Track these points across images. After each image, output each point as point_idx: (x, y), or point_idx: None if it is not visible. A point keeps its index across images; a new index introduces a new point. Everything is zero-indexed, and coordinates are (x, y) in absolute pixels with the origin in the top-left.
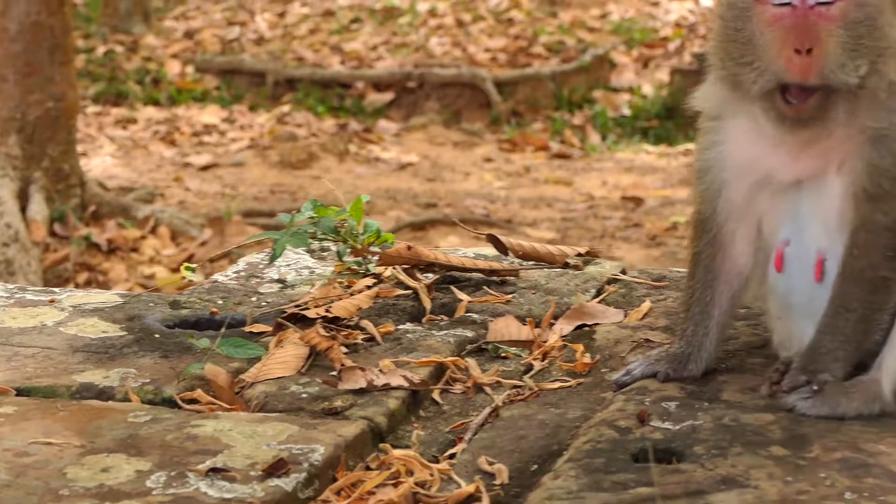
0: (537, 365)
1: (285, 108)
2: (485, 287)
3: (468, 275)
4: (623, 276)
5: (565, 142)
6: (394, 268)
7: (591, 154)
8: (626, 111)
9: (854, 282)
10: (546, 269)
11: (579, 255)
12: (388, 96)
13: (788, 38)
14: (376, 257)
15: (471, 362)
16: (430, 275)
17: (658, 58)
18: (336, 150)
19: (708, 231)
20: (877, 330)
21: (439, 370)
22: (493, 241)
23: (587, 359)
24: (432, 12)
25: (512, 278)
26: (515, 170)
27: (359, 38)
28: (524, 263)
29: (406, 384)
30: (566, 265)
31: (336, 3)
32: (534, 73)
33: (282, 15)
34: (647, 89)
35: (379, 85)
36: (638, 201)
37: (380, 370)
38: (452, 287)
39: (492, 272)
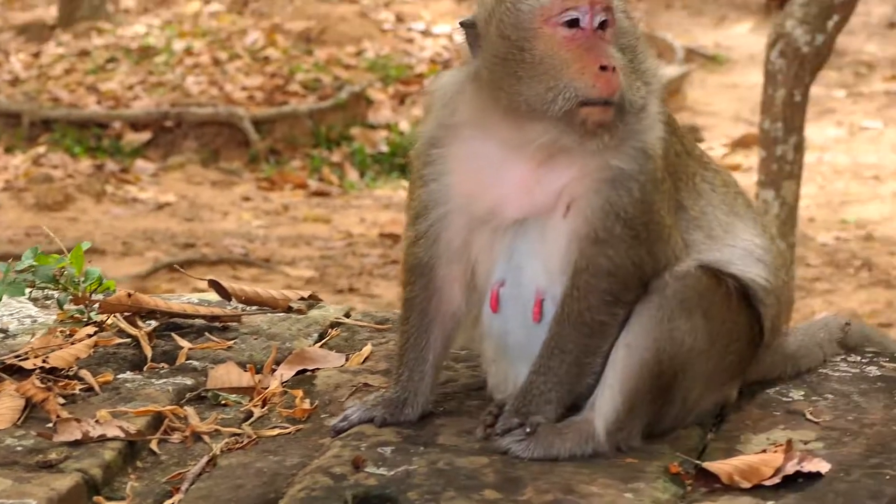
0: (257, 412)
1: (41, 150)
2: (207, 333)
3: (191, 321)
4: (346, 320)
5: (324, 179)
6: (115, 316)
7: (349, 191)
8: (384, 148)
9: (571, 324)
10: (269, 314)
11: (303, 299)
12: (145, 136)
13: (590, 56)
14: (97, 305)
15: (190, 411)
16: (153, 322)
17: (414, 94)
18: (93, 191)
19: (423, 276)
20: (590, 373)
21: (157, 419)
22: (215, 286)
23: (307, 405)
24: (188, 51)
25: (234, 324)
26: (274, 208)
27: (115, 77)
28: (247, 308)
29: (122, 435)
30: (290, 309)
31: (91, 43)
32: (291, 111)
33: (37, 55)
34: (405, 126)
35: (136, 125)
36: (396, 238)
37: (96, 421)
38: (174, 334)
39: (214, 318)
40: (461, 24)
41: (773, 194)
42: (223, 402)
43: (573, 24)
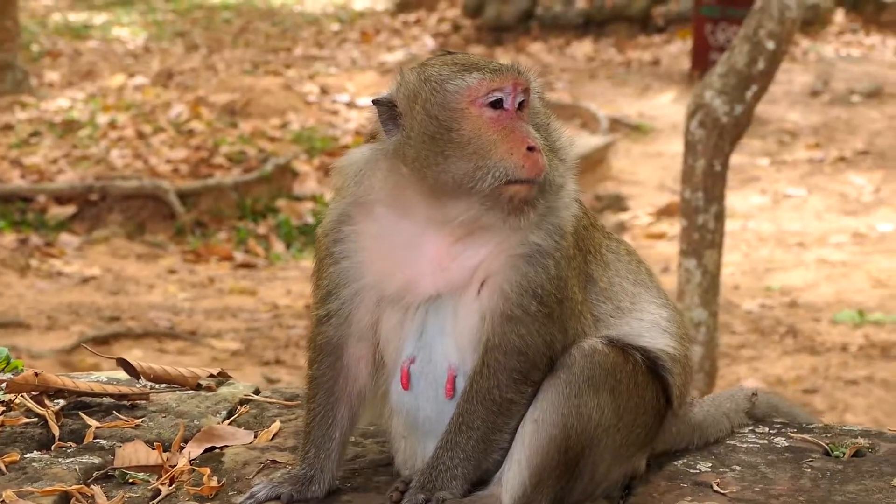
0: (165, 490)
1: None
2: (115, 412)
3: (99, 400)
4: (255, 397)
5: (250, 251)
6: (22, 395)
7: (275, 263)
8: (310, 219)
9: (479, 401)
10: (178, 392)
11: (212, 376)
12: (70, 210)
13: (516, 137)
14: (4, 385)
15: (97, 490)
16: (61, 400)
17: None
18: (17, 266)
19: (330, 354)
20: (497, 449)
21: (64, 499)
22: (123, 364)
23: (214, 482)
24: (112, 125)
25: (143, 402)
26: (200, 281)
27: (39, 151)
28: (156, 386)
29: None
30: (199, 387)
31: (15, 117)
32: (216, 184)
33: None
34: (330, 197)
35: (61, 198)
36: None
37: (2, 501)
38: (82, 413)
39: (122, 396)
40: (375, 102)
41: (696, 263)
42: (131, 480)
43: (497, 104)
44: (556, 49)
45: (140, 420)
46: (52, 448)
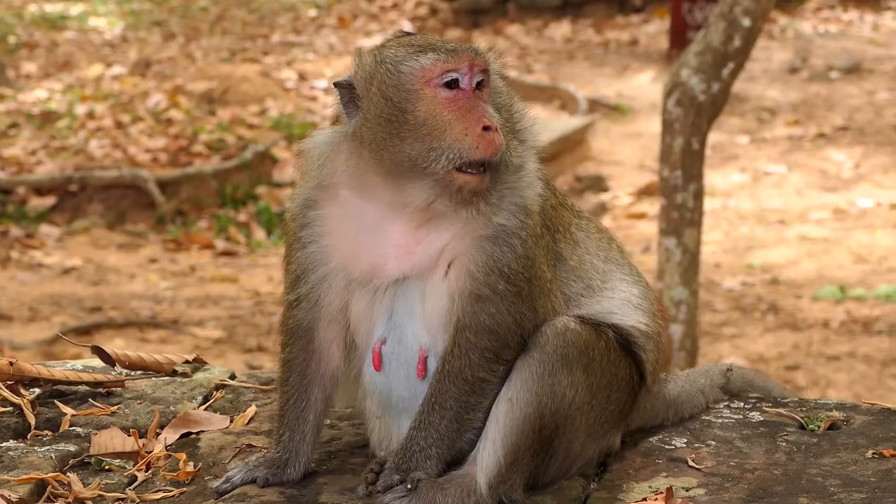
0: (141, 476)
1: None
2: (90, 399)
3: (75, 388)
4: (231, 382)
5: (230, 239)
6: None
7: (256, 250)
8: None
9: (452, 381)
10: (154, 378)
11: (187, 361)
12: (49, 201)
13: (472, 117)
14: None
15: (73, 477)
16: (37, 389)
17: None
18: None
19: (302, 337)
20: (471, 428)
21: (41, 487)
22: (99, 352)
23: (190, 467)
24: (91, 115)
25: (118, 389)
26: (181, 269)
27: (17, 143)
28: (131, 373)
29: (4, 503)
30: (174, 373)
31: None
32: (196, 172)
33: None
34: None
35: (40, 190)
36: None
37: None
38: (57, 401)
39: (97, 384)
40: (336, 84)
41: (675, 242)
42: (107, 467)
43: (453, 84)
44: (533, 31)
45: (116, 407)
46: (28, 437)
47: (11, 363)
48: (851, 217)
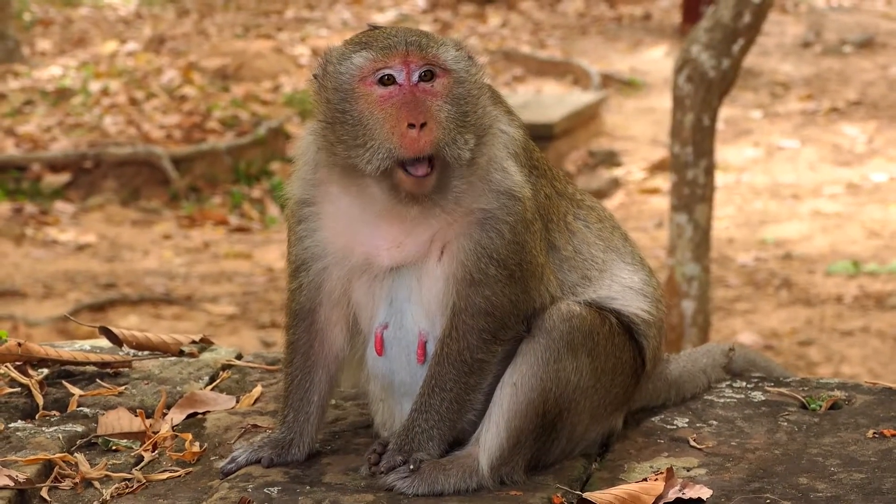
0: (147, 456)
1: None
2: (98, 380)
3: (82, 368)
4: (237, 362)
5: (244, 215)
6: (6, 365)
7: (270, 226)
8: None
9: (451, 363)
10: (161, 359)
11: (194, 342)
12: (64, 177)
13: (401, 114)
14: None
15: (80, 457)
16: (45, 370)
17: None
18: (12, 234)
19: (305, 319)
20: (471, 409)
21: (48, 467)
22: (106, 332)
23: (196, 448)
24: (105, 91)
25: (126, 369)
26: (195, 246)
27: (32, 120)
28: (138, 354)
29: (11, 483)
30: (181, 353)
31: (7, 86)
32: (210, 149)
33: None
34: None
35: (55, 166)
36: None
37: None
38: (65, 382)
39: (105, 364)
40: (314, 76)
41: (686, 218)
42: (114, 447)
43: (389, 80)
44: (546, 5)
45: (123, 388)
46: (36, 417)
47: (20, 344)
48: (865, 192)
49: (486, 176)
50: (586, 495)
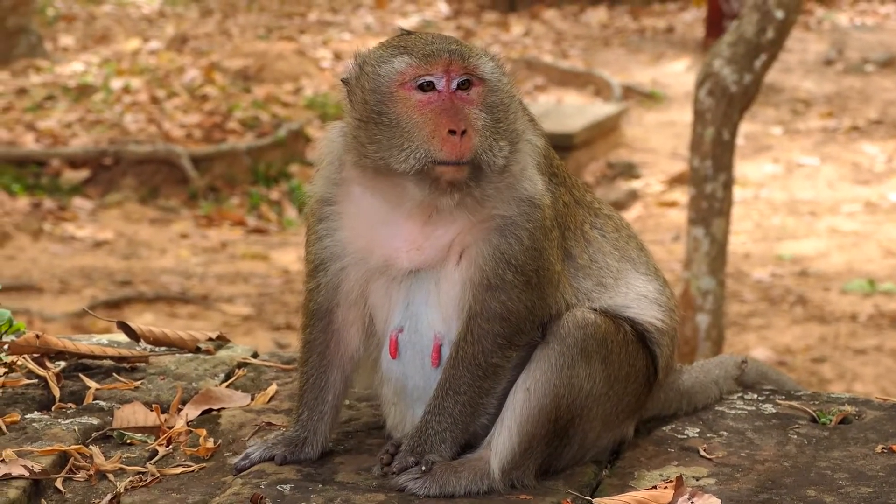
0: (162, 450)
1: None
2: (114, 374)
3: (99, 362)
4: (253, 360)
5: (262, 216)
6: (24, 357)
7: (287, 228)
8: None
9: (465, 367)
10: (177, 355)
11: (211, 339)
12: (83, 174)
13: (441, 119)
14: (6, 346)
15: (95, 450)
16: (62, 363)
17: None
18: (30, 229)
19: (322, 319)
20: (484, 413)
21: (63, 458)
22: (124, 327)
23: (210, 443)
24: (126, 89)
25: (142, 364)
26: (212, 245)
27: (53, 115)
28: (155, 349)
29: (27, 473)
30: (198, 350)
31: (29, 81)
32: (230, 149)
33: None
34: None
35: (74, 162)
36: None
37: (1, 460)
38: (82, 375)
39: (122, 359)
40: (343, 80)
41: (703, 231)
42: (128, 441)
43: (428, 87)
44: (570, 16)
45: (139, 382)
46: (52, 409)
47: (38, 336)
48: (883, 211)
49: (514, 184)
50: (596, 501)
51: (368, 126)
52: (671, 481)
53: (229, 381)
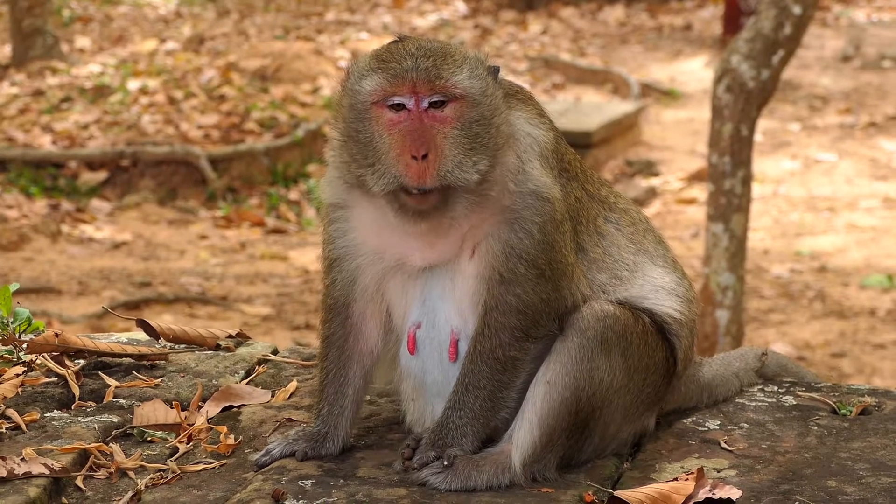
0: (182, 448)
1: None
2: (134, 372)
3: (119, 360)
4: (273, 357)
5: (281, 217)
6: (44, 355)
7: (306, 228)
8: None
9: (484, 361)
10: (197, 352)
11: (230, 336)
12: (101, 175)
13: (405, 144)
14: (26, 345)
15: (115, 447)
16: (82, 361)
17: None
18: (48, 231)
19: (339, 314)
20: (505, 407)
21: (83, 456)
22: (143, 325)
23: (231, 440)
24: (143, 90)
25: (162, 362)
26: (231, 246)
27: (70, 117)
28: (175, 347)
29: (47, 472)
30: (218, 347)
31: (46, 83)
32: (248, 149)
33: None
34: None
35: (92, 164)
36: None
37: (22, 458)
38: (101, 373)
39: (141, 357)
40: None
41: (723, 227)
42: (149, 438)
43: (400, 106)
44: (587, 14)
45: (159, 380)
46: (72, 407)
47: (57, 335)
48: None
49: (512, 178)
50: (617, 493)
51: (348, 143)
52: (692, 473)
53: (249, 377)
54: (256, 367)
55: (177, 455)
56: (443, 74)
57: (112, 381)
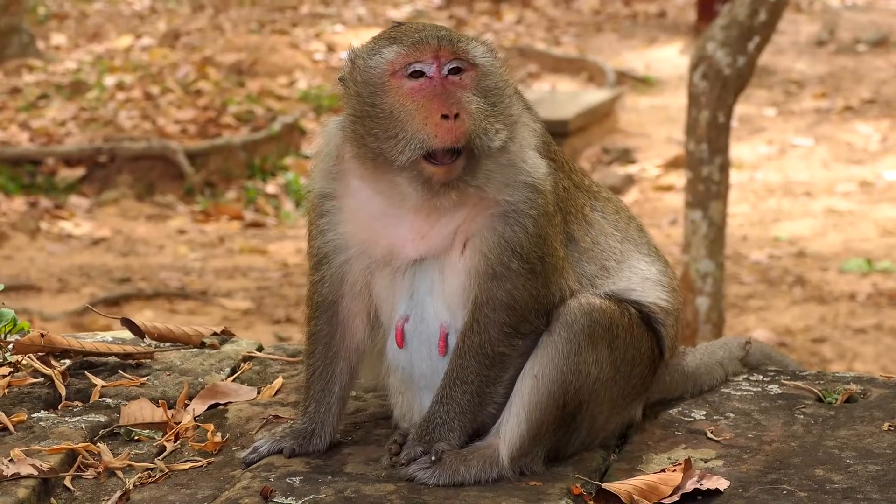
0: (170, 446)
1: None
2: (120, 371)
3: (105, 359)
4: (258, 354)
5: (259, 210)
6: (29, 356)
7: (284, 221)
8: None
9: (472, 356)
10: (182, 350)
11: (215, 333)
12: (79, 172)
13: (433, 105)
14: (11, 346)
15: (103, 447)
16: (67, 361)
17: None
18: (27, 228)
19: (326, 311)
20: (491, 402)
21: (71, 456)
22: (128, 324)
23: (218, 438)
24: (120, 86)
25: (148, 361)
26: (210, 240)
27: (47, 114)
28: (160, 345)
29: (36, 472)
30: (203, 345)
31: (22, 80)
32: (225, 144)
33: None
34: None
35: (69, 160)
36: None
37: (10, 460)
38: (87, 372)
39: (127, 356)
40: (340, 79)
41: (701, 215)
42: (136, 437)
43: (418, 74)
44: (561, 2)
45: (145, 378)
46: (59, 407)
47: (42, 335)
48: (878, 190)
49: (516, 164)
50: (605, 486)
51: (364, 120)
52: (679, 464)
53: (235, 375)
54: (242, 365)
55: (164, 454)
56: (461, 41)
57: (98, 381)
